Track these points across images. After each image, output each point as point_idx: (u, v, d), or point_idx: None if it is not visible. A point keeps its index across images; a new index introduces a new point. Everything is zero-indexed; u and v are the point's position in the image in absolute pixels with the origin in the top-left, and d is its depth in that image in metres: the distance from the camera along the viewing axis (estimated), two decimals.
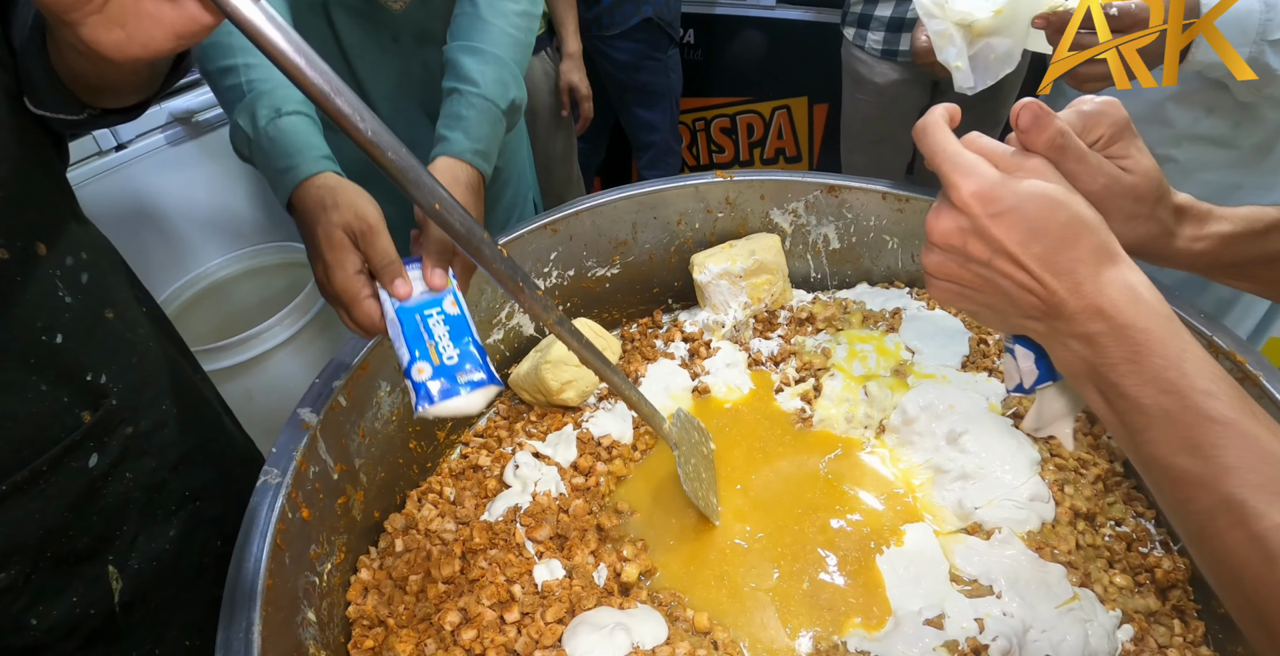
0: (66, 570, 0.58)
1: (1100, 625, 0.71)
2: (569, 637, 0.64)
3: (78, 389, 0.58)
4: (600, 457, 0.88)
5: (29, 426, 0.54)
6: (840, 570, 0.76)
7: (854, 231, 1.16)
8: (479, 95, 0.85)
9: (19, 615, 0.55)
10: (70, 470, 0.57)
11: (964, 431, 0.85)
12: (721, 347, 1.05)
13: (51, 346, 0.56)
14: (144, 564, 0.64)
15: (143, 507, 0.64)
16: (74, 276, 0.59)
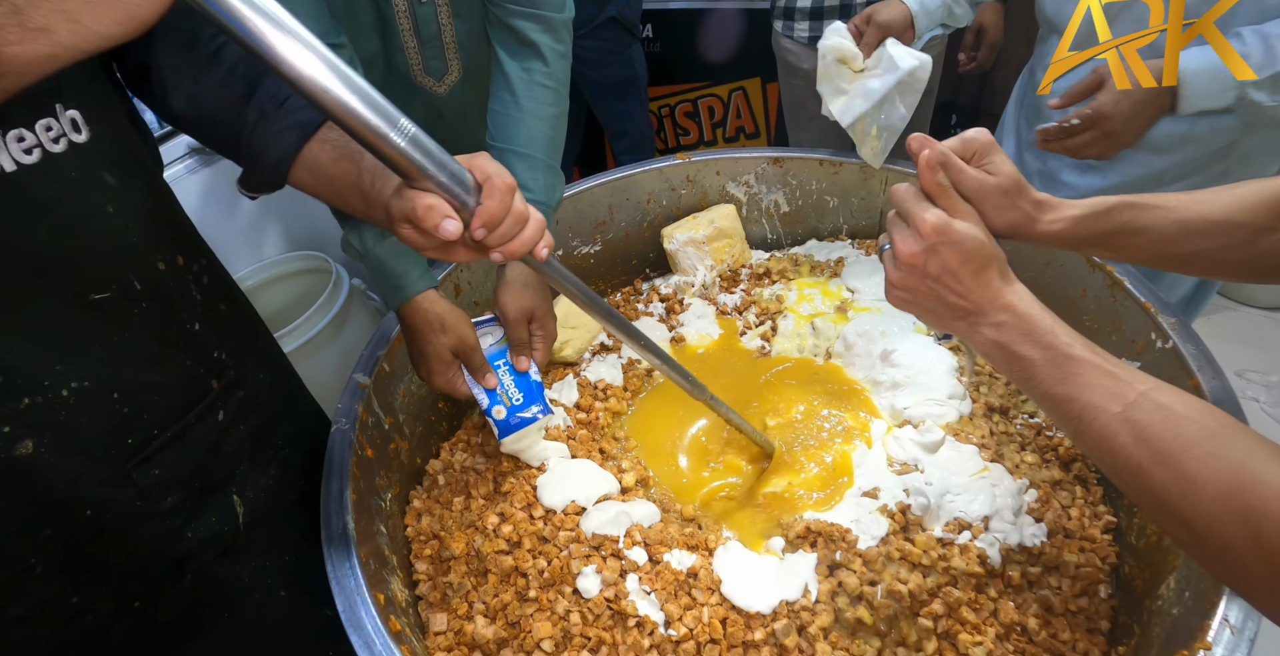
0: (207, 497, 0.73)
1: (1006, 489, 0.89)
2: (584, 521, 0.83)
3: (208, 363, 0.73)
4: (598, 398, 1.07)
5: (178, 392, 0.69)
6: (797, 470, 0.95)
7: (799, 195, 1.34)
8: (534, 200, 0.98)
9: (179, 530, 0.71)
10: (207, 424, 0.72)
11: (894, 350, 1.03)
12: (693, 304, 1.23)
13: (191, 332, 0.71)
14: (256, 494, 0.79)
15: (251, 452, 0.79)
16: (199, 279, 0.74)
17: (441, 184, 0.55)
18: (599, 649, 0.74)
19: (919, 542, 0.80)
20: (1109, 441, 0.50)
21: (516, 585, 0.80)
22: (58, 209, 0.58)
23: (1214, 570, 0.49)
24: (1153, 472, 0.47)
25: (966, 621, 0.76)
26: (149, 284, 0.66)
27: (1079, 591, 0.82)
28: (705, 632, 0.73)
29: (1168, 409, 0.48)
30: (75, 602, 0.65)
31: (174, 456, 0.69)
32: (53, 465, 0.61)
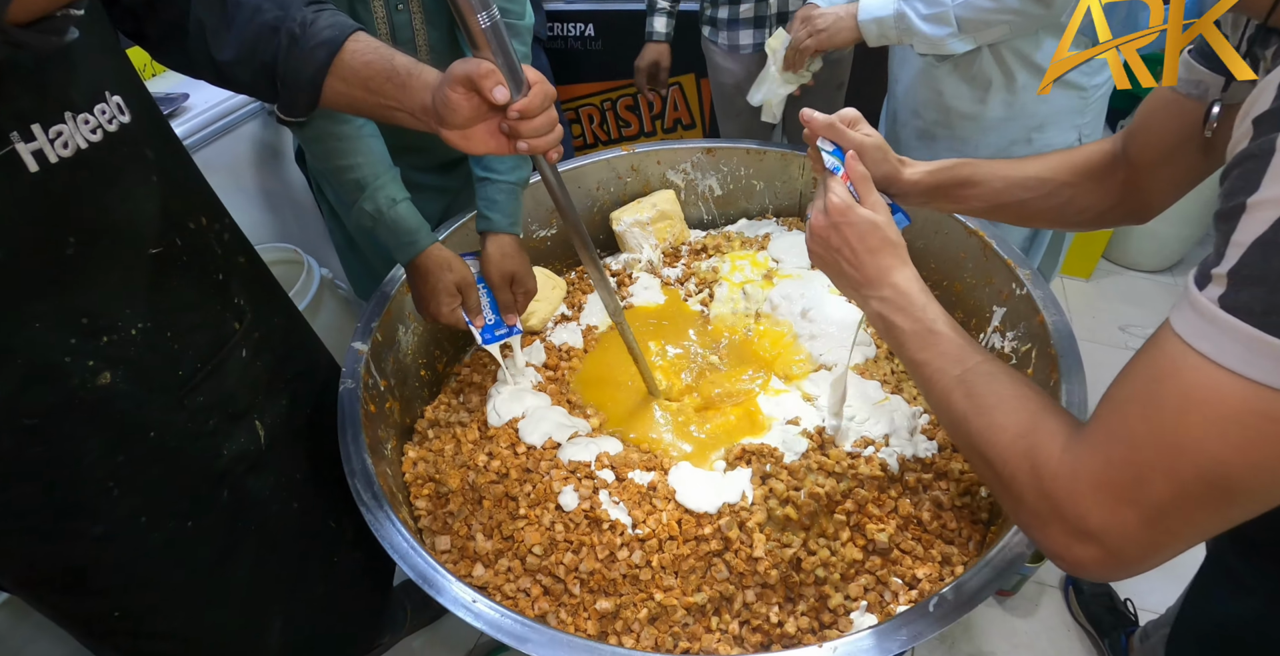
0: (237, 420, 0.86)
1: (904, 414, 1.09)
2: (560, 453, 1.00)
3: (232, 308, 0.85)
4: (563, 359, 1.23)
5: (213, 332, 0.82)
6: (735, 407, 1.14)
7: (730, 181, 1.53)
8: (506, 181, 1.15)
9: (218, 447, 0.83)
10: (234, 359, 0.85)
11: (811, 308, 1.23)
12: (640, 277, 1.41)
13: (217, 282, 0.83)
14: (274, 419, 0.92)
15: (268, 384, 0.92)
16: (220, 236, 0.85)
17: (502, 64, 0.67)
18: (580, 549, 0.91)
19: (832, 456, 1.00)
20: (946, 396, 0.60)
21: (508, 507, 0.96)
22: (120, 179, 0.69)
23: (1003, 500, 0.56)
24: (972, 421, 0.57)
25: (873, 515, 0.96)
26: (186, 240, 0.78)
27: (962, 491, 1.02)
28: (665, 530, 0.91)
29: (993, 375, 0.59)
30: (144, 522, 0.78)
31: (212, 385, 0.82)
32: (125, 393, 0.72)
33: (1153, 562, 0.48)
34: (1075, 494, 0.48)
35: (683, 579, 0.89)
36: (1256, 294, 0.41)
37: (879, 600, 0.90)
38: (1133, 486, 0.46)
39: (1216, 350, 0.42)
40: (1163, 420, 0.45)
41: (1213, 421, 0.43)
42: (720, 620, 0.88)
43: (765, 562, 0.89)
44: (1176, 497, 0.45)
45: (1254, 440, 0.42)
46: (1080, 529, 0.48)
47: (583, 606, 0.88)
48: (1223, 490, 0.43)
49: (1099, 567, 0.49)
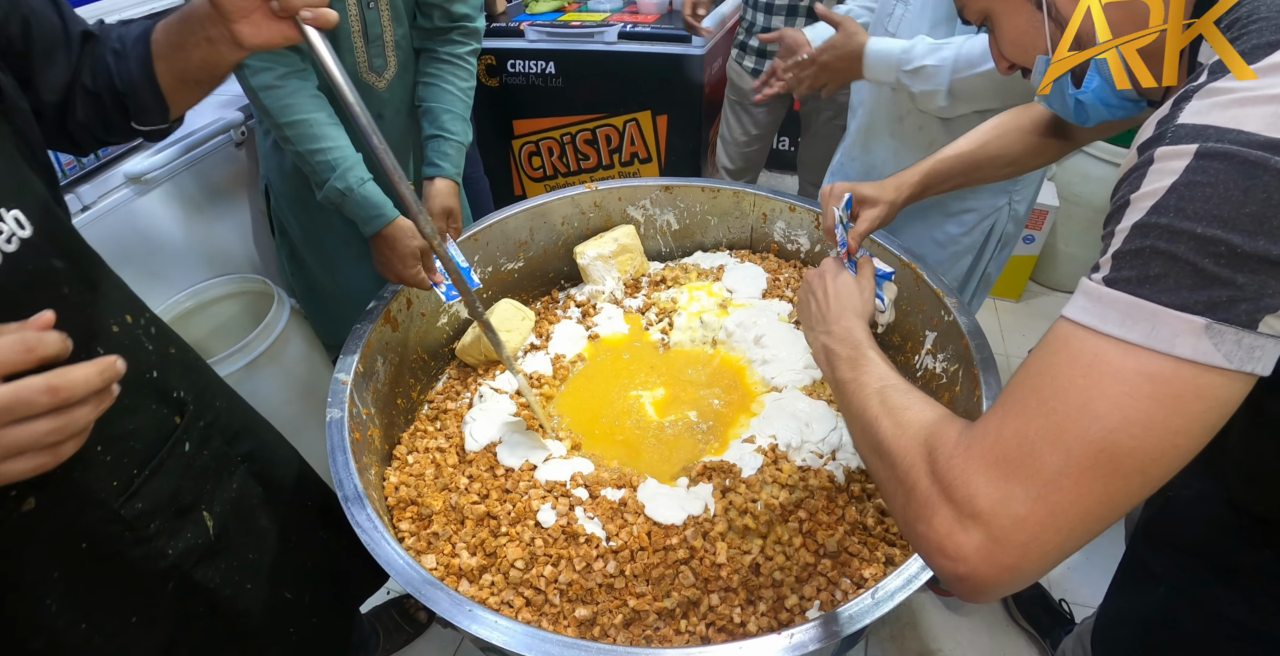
0: (182, 517, 0.83)
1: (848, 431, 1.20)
2: (537, 473, 1.08)
3: (169, 403, 0.81)
4: (534, 385, 1.31)
5: (151, 433, 0.78)
6: (696, 428, 1.24)
7: (687, 216, 1.64)
8: (457, 141, 1.42)
9: (162, 547, 0.80)
10: (177, 455, 0.81)
11: (763, 335, 1.34)
12: (604, 308, 1.50)
13: (151, 379, 0.79)
14: (223, 506, 0.89)
15: (215, 472, 0.89)
16: (147, 330, 0.82)
17: None
18: (559, 562, 0.99)
19: (785, 470, 1.10)
20: (864, 404, 0.65)
21: (489, 525, 1.04)
22: (28, 299, 0.63)
23: (896, 497, 0.56)
24: (882, 421, 0.61)
25: (823, 522, 1.06)
26: (110, 345, 0.74)
27: None
28: (636, 542, 1.00)
29: (909, 390, 0.65)
30: (85, 629, 0.75)
31: (153, 488, 0.78)
32: (54, 513, 0.68)
33: (1035, 555, 0.47)
34: (967, 472, 0.49)
35: (653, 586, 0.97)
36: (1134, 267, 0.45)
37: (831, 598, 1.00)
38: (1022, 458, 0.47)
39: (1100, 320, 0.46)
40: (1052, 390, 0.47)
41: (1096, 384, 0.45)
42: (688, 622, 0.96)
43: (727, 568, 0.98)
44: (1064, 467, 0.45)
45: (1134, 397, 0.44)
46: (968, 510, 0.48)
47: (563, 615, 0.96)
48: (1109, 456, 0.45)
49: (980, 558, 0.48)
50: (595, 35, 2.29)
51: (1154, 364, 0.44)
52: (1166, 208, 0.45)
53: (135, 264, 1.70)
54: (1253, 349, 0.44)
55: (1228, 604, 0.79)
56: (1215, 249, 0.43)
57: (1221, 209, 0.43)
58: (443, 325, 1.47)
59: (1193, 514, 0.86)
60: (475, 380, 1.38)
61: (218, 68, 0.79)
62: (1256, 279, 0.43)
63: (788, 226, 1.57)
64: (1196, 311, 0.43)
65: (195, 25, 0.75)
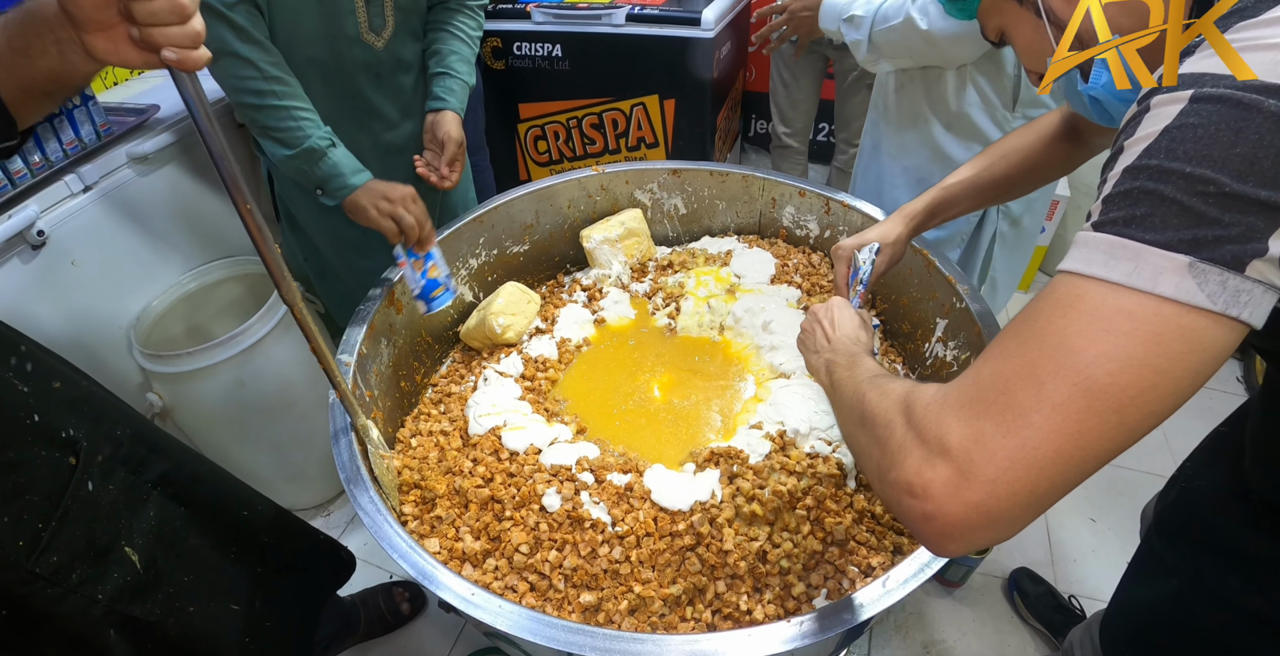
0: (103, 558, 0.78)
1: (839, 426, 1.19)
2: (542, 457, 1.07)
3: (59, 445, 0.75)
4: (539, 369, 1.30)
5: (48, 482, 0.73)
6: (704, 414, 1.22)
7: (694, 200, 1.62)
8: (462, 80, 1.44)
9: (91, 594, 0.76)
10: (81, 498, 0.76)
11: (771, 320, 1.32)
12: (610, 292, 1.48)
13: (32, 425, 0.72)
14: (144, 538, 0.84)
15: (127, 505, 0.83)
16: (22, 369, 0.75)
17: None
18: (564, 547, 0.97)
19: (793, 456, 1.08)
20: (855, 389, 0.65)
21: (494, 510, 1.03)
22: None
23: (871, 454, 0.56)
24: (868, 395, 0.61)
25: (830, 510, 1.05)
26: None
27: None
28: (642, 527, 0.98)
29: (889, 375, 0.67)
30: None
31: (66, 537, 0.74)
32: None
33: (1003, 492, 0.45)
34: (941, 415, 0.49)
35: (659, 572, 0.96)
36: (1122, 208, 0.45)
37: (838, 587, 0.98)
38: (995, 396, 0.46)
39: (1085, 263, 0.46)
40: (1032, 331, 0.47)
41: (1075, 322, 0.45)
42: (694, 609, 0.95)
43: (734, 555, 0.97)
44: (1036, 401, 0.44)
45: (1112, 334, 0.43)
46: (938, 448, 0.47)
47: (567, 600, 0.95)
48: (1083, 391, 0.44)
49: (946, 494, 0.46)
50: (603, 17, 2.25)
51: (1135, 302, 0.43)
52: (1158, 149, 0.45)
53: (138, 245, 1.69)
54: (1238, 292, 0.42)
55: (1243, 595, 0.78)
56: (1204, 188, 0.42)
57: (1212, 149, 0.42)
58: (447, 308, 1.45)
59: (1206, 505, 0.85)
60: (480, 363, 1.37)
61: (69, 78, 0.65)
62: (1244, 220, 0.42)
63: (797, 211, 1.54)
64: (1180, 249, 0.43)
65: (42, 27, 0.62)
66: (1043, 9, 0.66)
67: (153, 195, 1.74)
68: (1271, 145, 0.41)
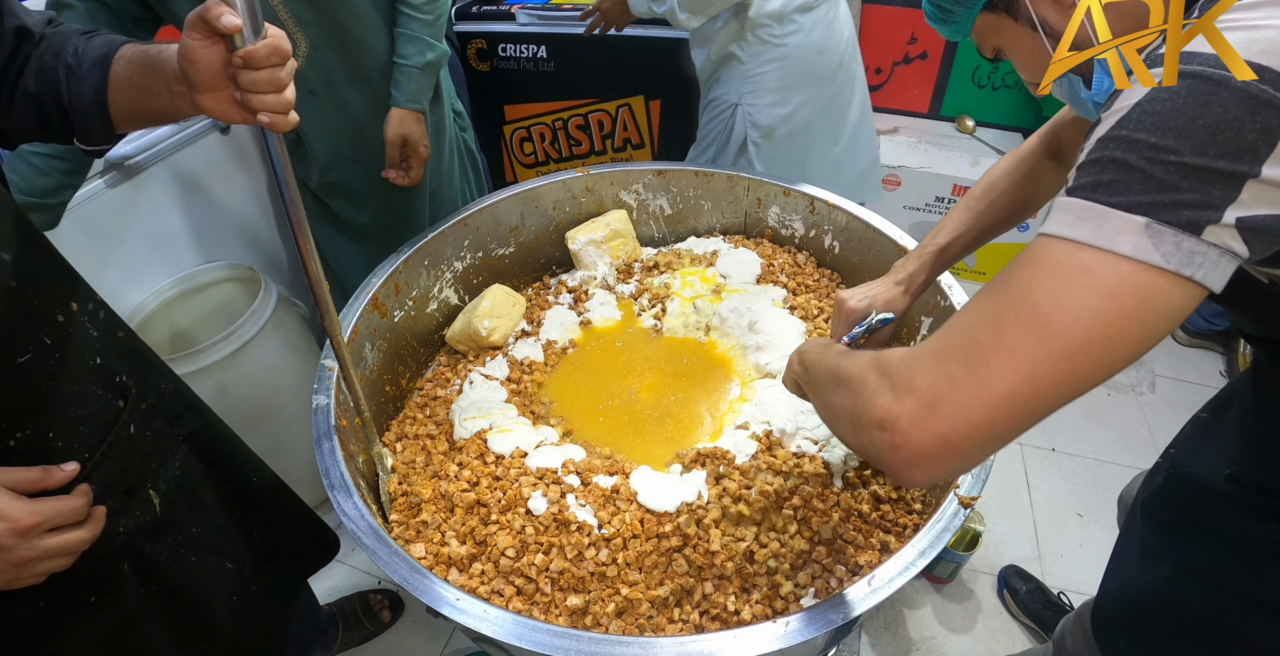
0: (130, 496, 0.84)
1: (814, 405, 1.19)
2: (528, 460, 1.07)
3: (113, 388, 0.82)
4: (525, 371, 1.30)
5: (99, 418, 0.79)
6: (690, 414, 1.22)
7: (680, 201, 1.62)
8: (407, 65, 1.39)
9: (114, 526, 0.81)
10: (123, 438, 0.82)
11: (757, 320, 1.32)
12: (596, 293, 1.48)
13: (96, 366, 0.79)
14: (167, 484, 0.90)
15: (158, 452, 0.90)
16: (94, 317, 0.82)
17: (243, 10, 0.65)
18: (550, 550, 0.97)
19: (779, 456, 1.08)
20: (829, 362, 0.69)
21: (479, 514, 1.02)
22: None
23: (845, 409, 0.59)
24: (841, 363, 0.64)
25: (817, 509, 1.05)
26: (56, 336, 0.75)
27: (898, 485, 1.12)
28: (629, 529, 0.98)
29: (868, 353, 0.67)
30: (43, 606, 0.77)
31: (104, 470, 0.80)
32: None
33: (963, 427, 0.49)
34: (913, 363, 0.53)
35: (646, 574, 0.96)
36: (1090, 174, 0.49)
37: (826, 586, 0.98)
38: (962, 343, 0.51)
39: (1055, 225, 0.50)
40: (1000, 287, 0.51)
41: (1038, 276, 0.49)
42: (682, 611, 0.95)
43: (721, 556, 0.97)
44: (995, 345, 0.49)
45: (1071, 288, 0.47)
46: (906, 388, 0.52)
47: (554, 604, 0.94)
48: (1038, 337, 0.47)
49: (912, 426, 0.51)
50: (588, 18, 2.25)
51: (1095, 259, 0.47)
52: (1128, 121, 0.48)
53: (119, 251, 1.67)
54: (1192, 254, 0.46)
55: (1236, 577, 0.79)
56: (1165, 157, 0.46)
57: (1179, 121, 0.46)
58: (432, 311, 1.44)
59: (1195, 490, 0.86)
60: (465, 366, 1.36)
61: (176, 116, 0.77)
62: (1202, 188, 0.45)
63: (782, 211, 1.55)
64: (1138, 211, 0.46)
65: (162, 77, 0.73)
66: (1037, 22, 0.68)
67: (135, 200, 1.72)
68: (1234, 118, 0.44)
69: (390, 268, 1.30)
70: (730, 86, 1.71)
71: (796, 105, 1.69)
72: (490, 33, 2.35)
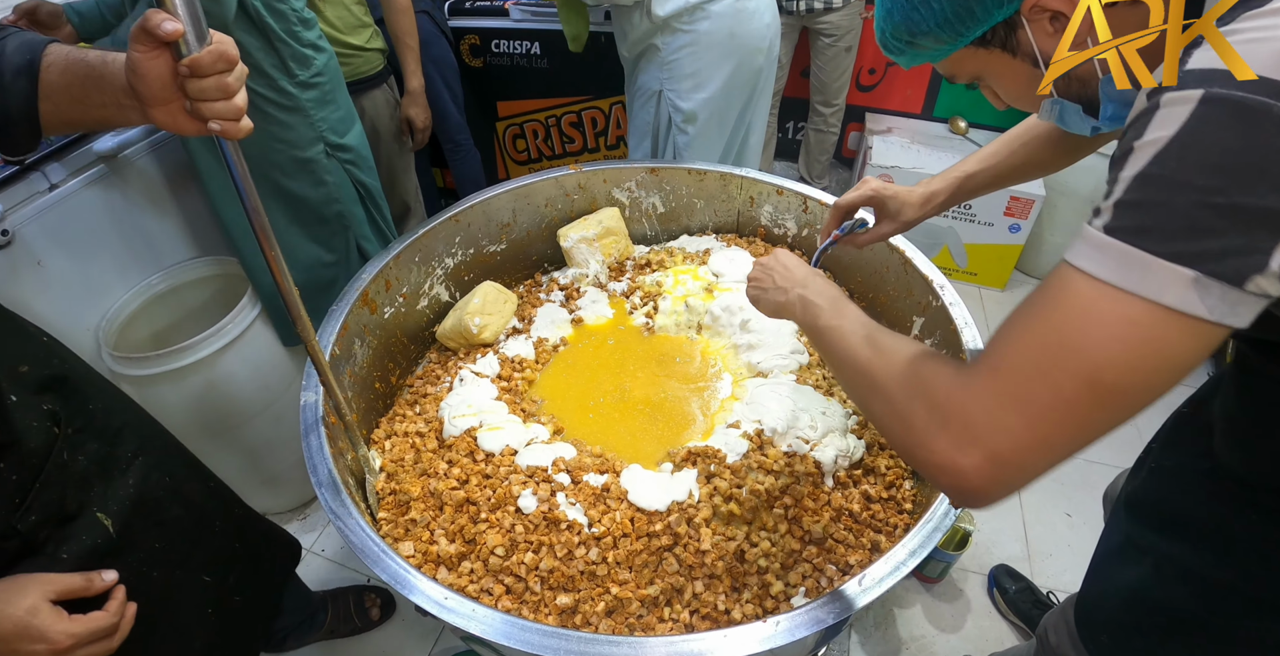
0: (70, 522, 0.83)
1: (836, 414, 1.18)
2: (518, 458, 1.06)
3: (44, 416, 0.82)
4: (515, 369, 1.29)
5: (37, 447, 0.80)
6: (681, 413, 1.22)
7: (673, 199, 1.61)
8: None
9: (53, 554, 0.81)
10: (58, 464, 0.82)
11: (749, 319, 1.31)
12: (588, 291, 1.47)
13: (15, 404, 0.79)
14: (120, 505, 0.89)
15: (100, 474, 0.89)
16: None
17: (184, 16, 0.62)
18: (540, 549, 0.96)
19: (770, 455, 1.08)
20: (852, 349, 0.69)
21: (469, 512, 1.01)
22: None
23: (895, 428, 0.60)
24: (874, 362, 0.65)
25: (808, 508, 1.05)
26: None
27: (888, 484, 1.12)
28: (619, 528, 0.98)
29: (888, 332, 0.69)
30: None
31: (42, 500, 0.80)
32: None
33: (1028, 472, 0.52)
34: (965, 402, 0.54)
35: (636, 573, 0.95)
36: (1133, 217, 0.48)
37: (816, 585, 0.98)
38: (1015, 391, 0.51)
39: (1096, 266, 0.49)
40: (1046, 329, 0.51)
41: (1086, 327, 0.49)
42: (672, 610, 0.95)
43: (712, 555, 0.96)
44: (1053, 401, 0.50)
45: (1121, 342, 0.48)
46: (967, 436, 0.53)
47: (543, 603, 0.94)
48: (1091, 391, 0.49)
49: (979, 475, 0.53)
50: None
51: (1140, 311, 0.47)
52: (1169, 157, 0.47)
53: (106, 244, 1.65)
54: (1236, 304, 0.46)
55: (1218, 570, 0.79)
56: (1212, 199, 0.45)
57: (1224, 158, 0.45)
58: (423, 308, 1.43)
59: (1176, 485, 0.87)
60: (456, 364, 1.35)
61: (121, 125, 0.76)
62: (1250, 231, 0.44)
63: (775, 210, 1.54)
64: (1185, 263, 0.46)
65: (108, 89, 0.70)
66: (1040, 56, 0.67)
67: (121, 194, 1.70)
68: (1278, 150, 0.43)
69: (381, 263, 1.29)
70: (650, 75, 1.79)
71: (714, 90, 1.74)
72: (484, 28, 2.34)
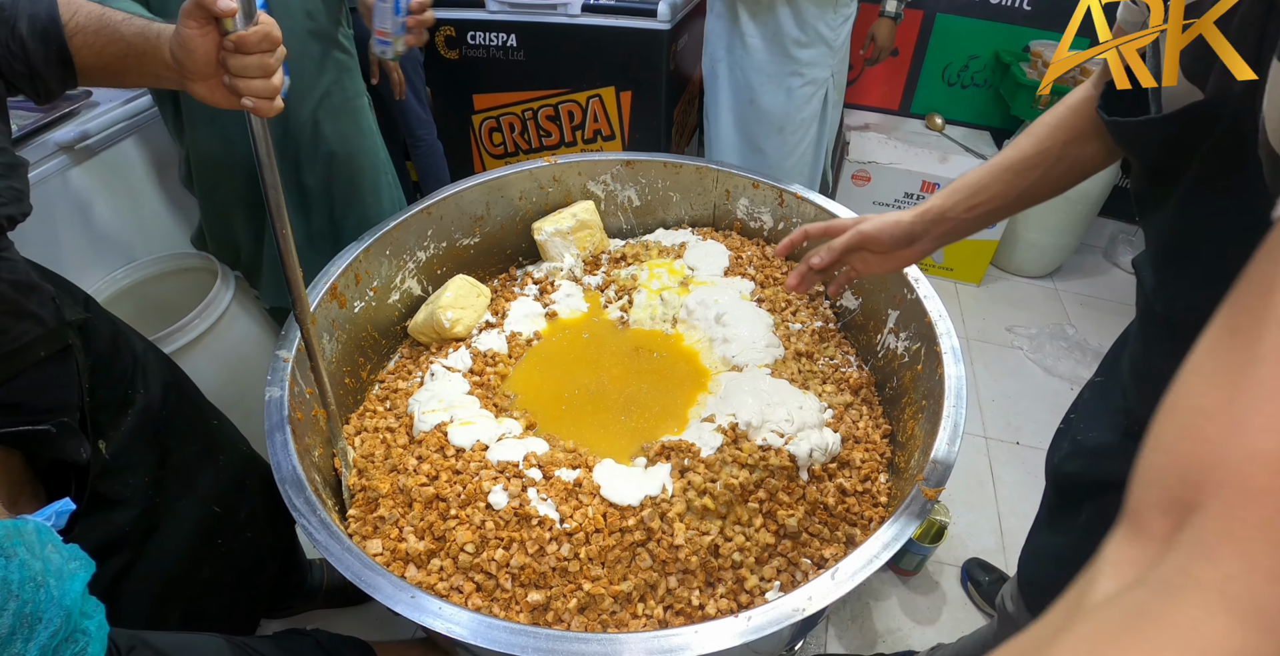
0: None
1: (811, 409, 1.18)
2: (489, 454, 1.04)
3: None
4: (488, 363, 1.27)
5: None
6: (655, 407, 1.20)
7: (648, 192, 1.60)
8: None
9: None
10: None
11: (724, 313, 1.30)
12: (562, 285, 1.45)
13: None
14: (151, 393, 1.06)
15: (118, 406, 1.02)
16: None
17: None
18: (511, 545, 0.95)
19: (745, 449, 1.07)
20: None
21: (438, 508, 0.99)
22: None
23: None
24: None
25: (783, 502, 1.04)
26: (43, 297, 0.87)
27: (863, 478, 1.12)
28: (591, 524, 0.96)
29: None
30: None
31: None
32: None
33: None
34: None
35: (609, 569, 0.94)
36: None
37: (791, 579, 0.98)
38: None
39: None
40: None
41: None
42: (646, 606, 0.94)
43: (686, 550, 0.95)
44: None
45: None
46: None
47: (514, 600, 0.92)
48: None
49: None
50: (558, 7, 2.21)
51: None
52: None
53: (69, 238, 1.61)
54: None
55: None
56: None
57: None
58: (394, 302, 1.41)
59: (1098, 450, 0.88)
60: (428, 358, 1.33)
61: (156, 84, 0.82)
62: None
63: (751, 204, 1.54)
64: None
65: (146, 64, 0.77)
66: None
67: (85, 186, 1.66)
68: None
69: (350, 256, 1.26)
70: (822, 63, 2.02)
71: None
72: (459, 20, 2.31)
